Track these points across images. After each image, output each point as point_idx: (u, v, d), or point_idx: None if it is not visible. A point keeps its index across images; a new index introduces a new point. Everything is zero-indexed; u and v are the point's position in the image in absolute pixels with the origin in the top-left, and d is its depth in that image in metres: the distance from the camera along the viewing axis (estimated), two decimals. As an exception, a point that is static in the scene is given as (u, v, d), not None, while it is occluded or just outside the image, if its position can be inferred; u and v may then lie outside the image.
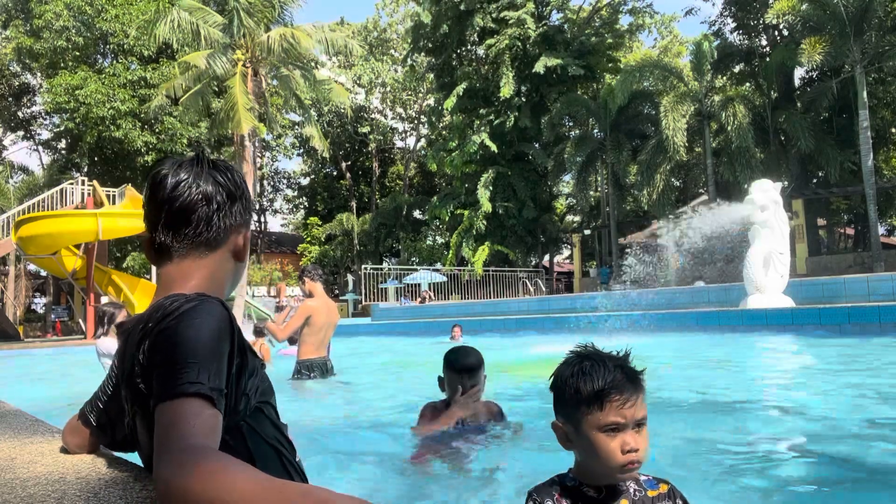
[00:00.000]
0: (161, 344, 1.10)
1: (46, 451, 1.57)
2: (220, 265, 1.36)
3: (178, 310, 1.13)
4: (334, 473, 3.02)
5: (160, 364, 1.07)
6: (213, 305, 1.17)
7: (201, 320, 1.12)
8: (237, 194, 1.37)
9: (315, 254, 40.15)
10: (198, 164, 1.35)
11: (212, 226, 1.32)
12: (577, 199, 37.16)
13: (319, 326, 5.90)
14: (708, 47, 24.21)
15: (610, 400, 1.39)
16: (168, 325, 1.11)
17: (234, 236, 1.37)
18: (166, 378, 1.05)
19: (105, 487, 1.22)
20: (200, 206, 1.31)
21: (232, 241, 1.37)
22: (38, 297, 34.92)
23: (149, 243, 1.34)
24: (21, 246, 17.51)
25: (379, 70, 40.56)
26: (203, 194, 1.31)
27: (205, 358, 1.07)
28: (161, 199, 1.30)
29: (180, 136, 27.53)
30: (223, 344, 1.13)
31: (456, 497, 2.62)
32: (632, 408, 1.39)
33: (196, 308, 1.14)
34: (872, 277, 11.09)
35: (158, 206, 1.31)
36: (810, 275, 20.38)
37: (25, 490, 1.21)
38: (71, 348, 14.09)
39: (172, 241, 1.30)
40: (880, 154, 27.44)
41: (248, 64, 23.25)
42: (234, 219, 1.36)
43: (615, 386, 1.40)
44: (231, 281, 1.42)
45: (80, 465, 1.41)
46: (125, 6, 26.82)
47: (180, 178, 1.31)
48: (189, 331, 1.10)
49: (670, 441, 3.28)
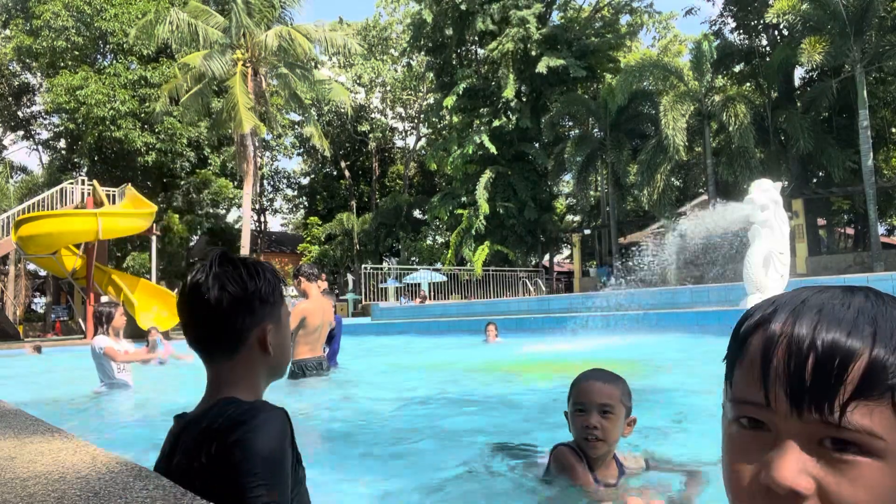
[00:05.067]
0: (235, 456, 1.19)
1: (46, 450, 1.57)
2: (251, 360, 1.42)
3: (246, 422, 1.22)
4: (334, 473, 3.02)
5: (235, 476, 1.17)
6: (277, 418, 1.27)
7: (271, 437, 1.22)
8: (257, 294, 1.41)
9: (315, 253, 40.15)
10: (220, 265, 1.41)
11: (234, 330, 1.39)
12: (577, 198, 37.17)
13: (314, 327, 5.91)
14: (708, 47, 24.21)
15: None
16: (240, 437, 1.20)
17: (257, 331, 1.41)
18: (242, 491, 1.16)
19: (105, 487, 1.22)
20: (221, 312, 1.38)
21: (255, 335, 1.41)
22: (38, 297, 34.93)
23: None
24: (21, 246, 17.50)
25: (379, 69, 40.57)
26: (224, 300, 1.38)
27: (276, 476, 1.20)
28: (186, 306, 1.41)
29: (180, 136, 27.52)
30: (287, 458, 1.25)
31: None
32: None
33: (264, 423, 1.24)
34: (872, 277, 11.09)
35: (183, 313, 1.42)
36: (810, 275, 20.39)
37: (25, 490, 1.22)
38: (71, 348, 14.09)
39: (205, 346, 1.41)
40: (880, 154, 27.44)
41: (249, 64, 23.28)
42: (255, 317, 1.41)
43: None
44: (267, 371, 1.47)
45: (80, 465, 1.41)
46: (124, 5, 26.80)
47: (200, 285, 1.39)
48: (262, 447, 1.19)
49: (670, 440, 3.28)
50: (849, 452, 0.46)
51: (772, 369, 0.49)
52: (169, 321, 17.73)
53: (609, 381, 1.95)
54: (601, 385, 1.92)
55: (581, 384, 1.96)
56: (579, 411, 1.91)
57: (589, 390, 1.92)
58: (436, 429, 4.03)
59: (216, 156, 30.87)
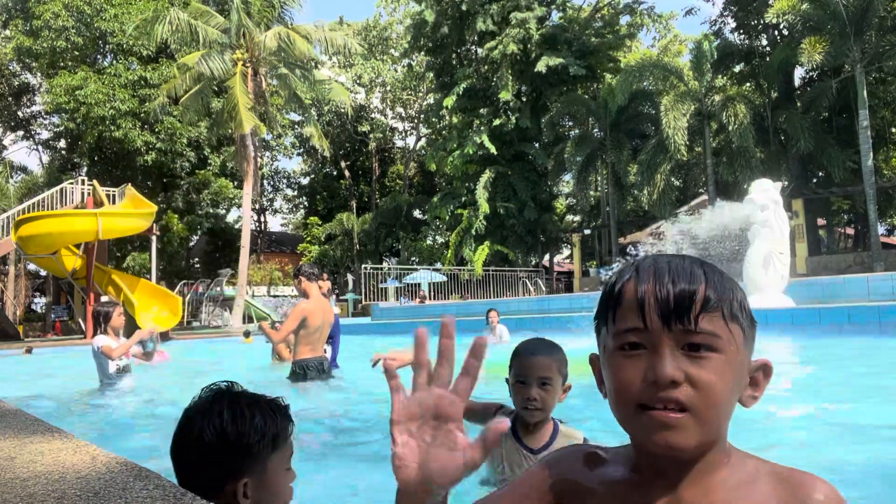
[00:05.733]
0: None
1: (46, 450, 1.57)
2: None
3: None
4: (336, 472, 3.02)
5: None
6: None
7: None
8: (237, 445, 1.31)
9: (315, 253, 40.15)
10: (214, 402, 1.35)
11: (205, 478, 1.31)
12: (577, 198, 37.15)
13: (315, 327, 5.90)
14: (708, 47, 24.21)
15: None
16: None
17: (231, 485, 1.31)
18: None
19: (105, 487, 1.22)
20: (192, 461, 1.32)
21: (230, 488, 1.31)
22: (38, 297, 34.93)
23: None
24: (21, 245, 17.50)
25: (379, 69, 40.58)
26: (196, 447, 1.31)
27: None
28: (174, 440, 1.36)
29: (180, 135, 27.52)
30: None
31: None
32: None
33: None
34: (872, 277, 11.09)
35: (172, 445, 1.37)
36: (810, 275, 20.37)
37: (25, 489, 1.21)
38: (71, 348, 14.09)
39: (182, 483, 1.33)
40: (880, 154, 27.43)
41: (248, 64, 23.27)
42: (229, 471, 1.31)
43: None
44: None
45: (79, 465, 1.41)
46: (124, 5, 26.80)
47: (187, 422, 1.34)
48: None
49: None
50: (701, 351, 0.71)
51: (646, 303, 0.72)
52: (169, 321, 17.73)
53: (548, 354, 2.10)
54: (541, 359, 2.06)
55: (522, 357, 2.09)
56: (520, 383, 2.06)
57: (529, 364, 2.06)
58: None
59: (216, 156, 30.87)
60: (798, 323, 8.84)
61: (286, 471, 1.39)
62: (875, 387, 4.78)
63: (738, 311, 0.74)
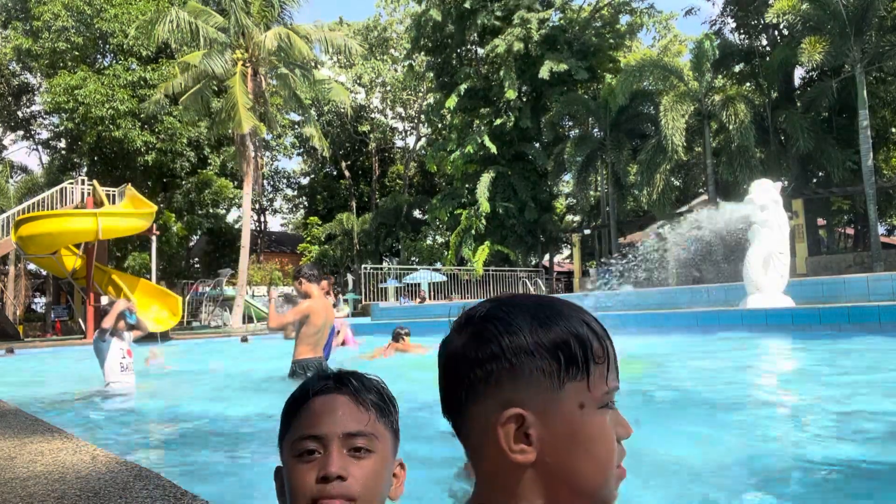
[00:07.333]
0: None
1: (46, 450, 1.57)
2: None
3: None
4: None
5: None
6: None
7: None
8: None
9: (315, 253, 40.17)
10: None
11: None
12: (577, 198, 37.14)
13: (318, 327, 5.89)
14: (709, 46, 24.21)
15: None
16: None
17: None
18: None
19: (105, 487, 1.22)
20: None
21: None
22: (38, 297, 34.92)
23: None
24: (21, 245, 17.50)
25: (379, 69, 40.58)
26: None
27: None
28: None
29: (180, 135, 27.51)
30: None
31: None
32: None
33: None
34: (872, 277, 11.09)
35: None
36: (810, 275, 20.38)
37: (25, 489, 1.22)
38: (70, 348, 14.09)
39: None
40: (880, 154, 27.44)
41: (248, 64, 23.27)
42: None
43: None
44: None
45: (80, 465, 1.41)
46: (124, 6, 26.77)
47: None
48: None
49: (669, 440, 3.28)
50: (361, 453, 0.92)
51: (322, 423, 0.92)
52: (168, 321, 17.74)
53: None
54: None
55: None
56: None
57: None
58: (436, 428, 4.02)
59: (216, 156, 30.86)
60: (798, 323, 8.84)
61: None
62: (875, 387, 4.78)
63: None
